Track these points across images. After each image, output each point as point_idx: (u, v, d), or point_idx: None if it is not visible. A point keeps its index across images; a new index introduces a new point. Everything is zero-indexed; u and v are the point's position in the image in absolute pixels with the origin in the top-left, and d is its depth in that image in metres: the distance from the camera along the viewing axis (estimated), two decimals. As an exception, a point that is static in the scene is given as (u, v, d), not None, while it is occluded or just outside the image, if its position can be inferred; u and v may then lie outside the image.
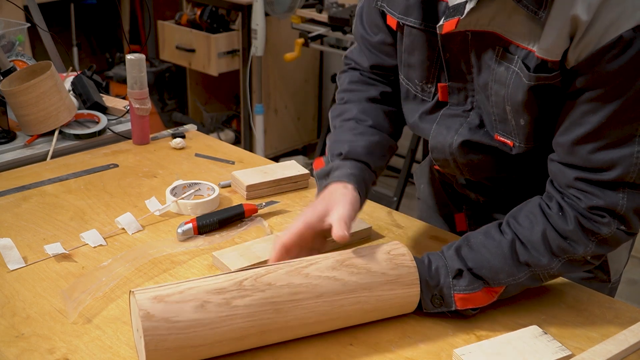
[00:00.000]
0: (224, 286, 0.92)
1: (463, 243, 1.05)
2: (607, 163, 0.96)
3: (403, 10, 1.11)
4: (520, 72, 0.99)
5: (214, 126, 4.17)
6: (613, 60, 0.90)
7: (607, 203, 0.97)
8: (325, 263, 0.99)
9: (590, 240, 0.99)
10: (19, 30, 2.00)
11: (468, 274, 1.01)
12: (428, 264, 1.03)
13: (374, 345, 0.99)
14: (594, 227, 0.98)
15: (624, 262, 1.30)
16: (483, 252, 1.02)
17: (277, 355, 0.96)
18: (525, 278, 1.02)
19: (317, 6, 3.43)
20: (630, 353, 0.98)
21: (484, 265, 1.01)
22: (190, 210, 1.34)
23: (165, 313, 0.88)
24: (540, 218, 1.01)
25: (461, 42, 1.05)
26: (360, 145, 1.13)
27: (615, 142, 0.95)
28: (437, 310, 1.03)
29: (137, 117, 1.62)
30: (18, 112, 1.60)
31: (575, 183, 0.99)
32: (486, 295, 1.02)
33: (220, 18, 3.87)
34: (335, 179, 1.08)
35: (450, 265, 1.02)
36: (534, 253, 1.00)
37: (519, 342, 0.97)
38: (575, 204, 0.99)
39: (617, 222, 0.98)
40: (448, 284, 1.01)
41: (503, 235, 1.02)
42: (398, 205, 3.29)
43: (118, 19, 4.47)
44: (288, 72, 4.05)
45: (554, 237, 0.99)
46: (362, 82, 1.24)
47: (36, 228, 1.27)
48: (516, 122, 1.04)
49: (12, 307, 1.05)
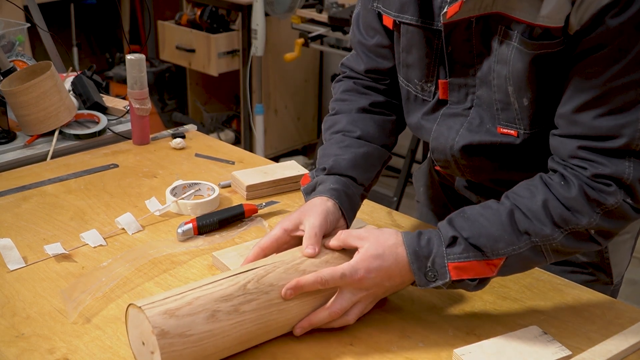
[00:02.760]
0: (230, 292, 0.92)
1: (457, 214, 1.00)
2: (612, 130, 0.93)
3: (398, 8, 1.11)
4: (519, 46, 0.99)
5: (214, 126, 4.17)
6: (614, 19, 0.90)
7: (613, 171, 0.94)
8: (318, 258, 1.01)
9: (595, 212, 0.95)
10: (19, 30, 2.00)
11: (463, 241, 0.96)
12: (418, 235, 0.98)
13: (374, 345, 0.99)
14: (599, 197, 0.95)
15: (625, 264, 1.30)
16: (480, 220, 0.97)
17: (277, 355, 0.96)
18: (526, 249, 0.97)
19: (317, 6, 3.43)
20: (630, 353, 0.98)
21: (481, 233, 0.96)
22: (190, 211, 1.34)
23: (179, 328, 0.87)
24: (542, 187, 0.98)
25: (465, 31, 1.04)
26: (346, 159, 1.13)
27: (619, 107, 0.93)
28: (433, 284, 0.97)
29: (137, 117, 1.62)
30: (18, 112, 1.60)
31: (579, 152, 0.96)
32: (484, 266, 0.97)
33: (220, 18, 3.87)
34: (318, 194, 1.09)
35: (443, 233, 0.98)
36: (535, 222, 0.96)
37: (519, 342, 0.97)
38: (579, 174, 0.96)
39: (624, 193, 0.95)
40: (441, 253, 0.96)
41: (502, 204, 0.99)
42: (398, 206, 3.29)
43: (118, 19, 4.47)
44: (288, 72, 4.05)
45: (555, 205, 0.96)
46: (354, 91, 1.24)
47: (36, 228, 1.27)
48: (519, 103, 1.03)
49: (12, 307, 1.05)
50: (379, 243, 0.98)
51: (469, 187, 1.27)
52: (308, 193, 1.13)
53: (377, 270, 0.97)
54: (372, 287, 0.98)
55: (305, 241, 1.02)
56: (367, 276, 0.97)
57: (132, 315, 0.92)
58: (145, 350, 0.89)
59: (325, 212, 1.05)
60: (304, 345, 0.98)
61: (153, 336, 0.86)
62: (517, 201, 0.98)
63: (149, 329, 0.86)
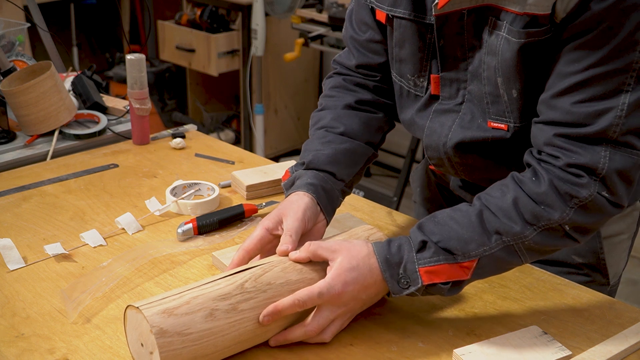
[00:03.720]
0: (228, 291, 0.92)
1: (428, 219, 1.00)
2: (589, 116, 0.91)
3: (391, 2, 1.11)
4: (507, 35, 0.98)
5: (214, 126, 4.17)
6: (599, 3, 0.89)
7: (586, 160, 0.92)
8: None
9: (568, 206, 0.93)
10: (19, 30, 2.00)
11: (433, 245, 0.95)
12: (388, 243, 0.98)
13: (374, 345, 0.99)
14: (570, 190, 0.92)
15: (622, 264, 1.30)
16: (450, 223, 0.97)
17: (277, 355, 0.96)
18: (498, 249, 0.95)
19: (317, 6, 3.43)
20: (630, 353, 0.98)
21: (451, 236, 0.95)
22: (190, 210, 1.34)
23: (178, 327, 0.87)
24: (512, 185, 0.97)
25: (457, 24, 1.04)
26: (325, 154, 1.13)
27: (600, 95, 0.91)
28: (406, 291, 0.96)
29: (137, 117, 1.62)
30: (18, 112, 1.60)
31: (554, 139, 0.95)
32: (456, 269, 0.96)
33: (220, 18, 3.87)
34: (295, 189, 1.10)
35: (413, 239, 0.97)
36: (504, 220, 0.94)
37: (519, 342, 0.97)
38: (550, 167, 0.95)
39: (598, 185, 0.92)
40: (412, 258, 0.96)
41: (472, 206, 0.98)
42: (398, 205, 3.29)
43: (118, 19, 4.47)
44: (288, 72, 4.05)
45: (525, 202, 0.94)
46: (342, 87, 1.24)
47: (36, 228, 1.27)
48: (508, 95, 1.03)
49: (12, 307, 1.05)
50: (351, 255, 0.96)
51: (463, 186, 1.27)
52: (287, 188, 1.14)
53: (354, 282, 0.95)
54: (350, 301, 0.97)
55: (282, 240, 1.02)
56: (345, 290, 0.95)
57: (130, 317, 0.91)
58: (144, 351, 0.89)
59: (304, 209, 1.05)
60: (304, 345, 0.98)
61: (152, 335, 0.86)
62: (487, 201, 0.97)
63: (148, 329, 0.86)
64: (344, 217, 1.30)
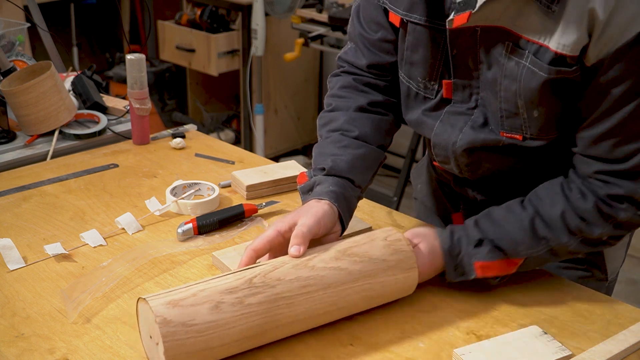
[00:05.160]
0: (235, 285, 0.92)
1: (484, 216, 1.09)
2: (627, 155, 1.00)
3: (407, 6, 1.10)
4: (532, 67, 1.00)
5: (214, 126, 4.17)
6: (634, 58, 0.92)
7: (626, 191, 1.01)
8: (327, 254, 1.00)
9: (607, 223, 1.03)
10: (19, 30, 2.00)
11: (489, 243, 1.05)
12: (450, 234, 1.08)
13: (374, 345, 0.99)
14: (612, 212, 1.02)
15: (620, 260, 1.30)
16: (504, 224, 1.06)
17: (277, 355, 0.96)
18: (543, 252, 1.06)
19: (317, 6, 3.43)
20: (630, 353, 0.98)
21: (504, 237, 1.05)
22: (190, 210, 1.34)
23: (182, 317, 0.87)
24: (562, 198, 1.04)
25: (469, 38, 1.05)
26: (344, 160, 1.13)
27: (635, 135, 0.99)
28: (460, 278, 1.07)
29: (137, 117, 1.62)
30: (18, 112, 1.60)
31: (596, 175, 1.03)
32: (506, 264, 1.06)
33: (220, 18, 3.87)
34: (316, 195, 1.08)
35: (470, 234, 1.06)
36: (553, 230, 1.04)
37: (519, 342, 0.97)
38: (595, 191, 1.03)
39: (635, 208, 1.02)
40: (469, 252, 1.05)
41: (524, 210, 1.06)
42: (398, 205, 3.29)
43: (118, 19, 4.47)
44: (288, 72, 4.05)
45: (572, 217, 1.03)
46: (353, 88, 1.22)
47: (36, 228, 1.27)
48: (529, 115, 1.05)
49: (12, 307, 1.05)
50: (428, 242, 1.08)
51: (466, 183, 1.27)
52: (305, 192, 1.13)
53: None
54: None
55: (292, 240, 1.01)
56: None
57: (140, 310, 0.93)
58: (152, 344, 0.90)
59: (321, 215, 1.04)
60: (305, 345, 0.98)
61: (156, 325, 0.86)
62: (538, 207, 1.05)
63: (153, 319, 0.87)
64: (344, 217, 1.30)
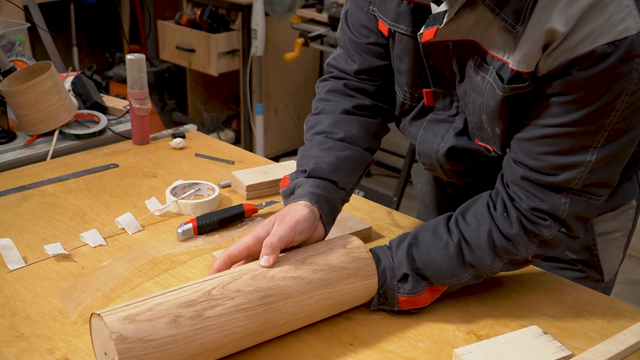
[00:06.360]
0: (193, 298, 0.90)
1: (412, 240, 1.06)
2: (555, 167, 0.97)
3: (394, 17, 1.10)
4: (494, 83, 1.00)
5: (214, 126, 4.17)
6: (582, 71, 0.90)
7: (548, 207, 0.98)
8: (287, 263, 0.99)
9: (532, 242, 1.01)
10: (19, 30, 2.00)
11: (413, 276, 1.03)
12: (378, 260, 1.05)
13: (374, 345, 0.99)
14: (535, 229, 1.00)
15: (618, 262, 1.30)
16: (431, 252, 1.04)
17: (277, 354, 0.96)
18: (468, 278, 1.05)
19: (317, 6, 3.43)
20: (630, 353, 0.98)
21: (430, 266, 1.03)
22: (190, 210, 1.34)
23: (139, 333, 0.84)
24: (487, 218, 1.03)
25: (443, 51, 1.05)
26: (327, 162, 1.11)
27: (568, 150, 0.96)
28: (383, 308, 1.06)
29: (137, 117, 1.62)
30: (18, 112, 1.60)
31: (521, 182, 1.00)
32: (429, 294, 1.05)
33: (220, 18, 3.87)
34: (296, 197, 1.07)
35: (397, 267, 1.04)
36: (479, 254, 1.02)
37: (519, 342, 0.97)
38: (517, 204, 1.01)
39: (558, 225, 1.00)
40: (393, 286, 1.04)
41: (450, 236, 1.04)
42: (398, 205, 3.29)
43: (118, 19, 4.47)
44: (288, 72, 4.05)
45: (498, 237, 1.01)
46: (340, 92, 1.21)
47: (36, 228, 1.27)
48: (492, 130, 1.05)
49: (12, 307, 1.05)
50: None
51: (456, 187, 1.28)
52: (287, 196, 1.11)
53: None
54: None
55: (262, 249, 0.99)
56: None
57: (94, 326, 0.89)
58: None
59: (296, 221, 1.02)
60: (304, 345, 0.98)
61: (111, 341, 0.83)
62: (464, 231, 1.04)
63: (108, 335, 0.84)
64: (344, 217, 1.30)
